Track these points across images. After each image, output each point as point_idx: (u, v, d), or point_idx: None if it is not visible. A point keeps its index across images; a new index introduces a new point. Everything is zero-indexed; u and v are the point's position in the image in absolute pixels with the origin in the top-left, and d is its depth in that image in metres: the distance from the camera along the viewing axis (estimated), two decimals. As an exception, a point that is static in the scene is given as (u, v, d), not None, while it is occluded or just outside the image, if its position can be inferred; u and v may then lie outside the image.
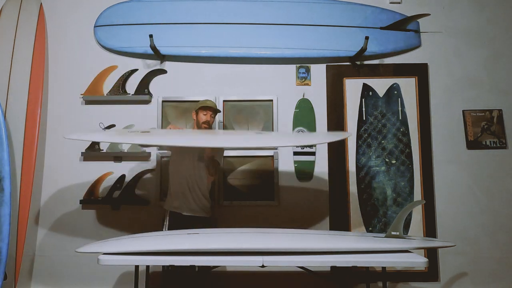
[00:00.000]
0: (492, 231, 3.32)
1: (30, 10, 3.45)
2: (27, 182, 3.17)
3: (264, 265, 2.17)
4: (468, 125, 3.42)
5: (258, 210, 3.32)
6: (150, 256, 2.24)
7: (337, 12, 3.49)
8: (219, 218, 3.28)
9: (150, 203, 3.36)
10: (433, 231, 3.31)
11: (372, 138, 3.42)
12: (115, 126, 3.42)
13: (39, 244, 3.34)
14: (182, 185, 2.90)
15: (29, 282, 3.30)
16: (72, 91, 3.46)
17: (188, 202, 2.89)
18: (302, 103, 3.45)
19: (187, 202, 2.89)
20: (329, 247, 2.33)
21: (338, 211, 3.35)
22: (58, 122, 3.46)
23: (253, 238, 2.49)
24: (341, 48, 3.42)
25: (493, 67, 3.49)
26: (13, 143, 3.19)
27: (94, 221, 3.35)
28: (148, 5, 3.48)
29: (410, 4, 3.56)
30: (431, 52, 3.51)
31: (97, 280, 3.29)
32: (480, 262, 3.30)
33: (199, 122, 2.95)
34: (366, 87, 3.47)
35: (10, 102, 3.27)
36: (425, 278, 3.27)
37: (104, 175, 3.37)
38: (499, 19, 3.53)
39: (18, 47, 3.36)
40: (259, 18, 3.46)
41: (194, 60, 3.49)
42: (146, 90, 3.43)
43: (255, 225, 3.30)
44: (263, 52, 3.42)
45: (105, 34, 3.48)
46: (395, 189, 3.37)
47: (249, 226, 3.30)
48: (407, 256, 2.30)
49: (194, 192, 2.90)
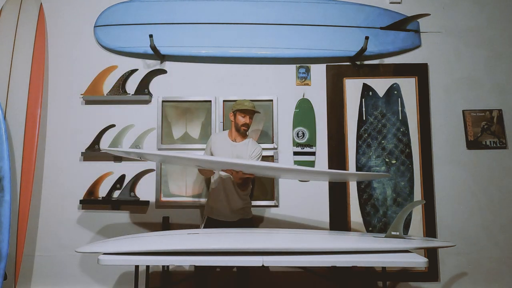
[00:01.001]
0: (492, 231, 3.33)
1: (30, 10, 3.45)
2: (27, 182, 3.18)
3: (264, 265, 2.17)
4: (468, 125, 3.42)
5: (258, 210, 3.32)
6: (150, 256, 2.23)
7: (337, 12, 3.49)
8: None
9: (150, 203, 3.36)
10: (433, 231, 3.31)
11: (372, 138, 3.42)
12: (115, 126, 3.42)
13: (39, 244, 3.34)
14: (219, 190, 2.88)
15: (29, 282, 3.30)
16: (72, 91, 3.47)
17: (223, 208, 2.87)
18: (302, 103, 3.45)
19: (223, 208, 2.87)
20: (329, 247, 2.32)
21: (338, 211, 3.35)
22: (58, 122, 3.46)
23: (253, 238, 2.49)
24: (341, 48, 3.42)
25: (493, 67, 3.49)
26: (13, 143, 3.20)
27: (94, 221, 3.35)
28: (148, 5, 3.48)
29: (410, 4, 3.56)
30: (431, 52, 3.51)
31: (97, 280, 3.29)
32: (480, 262, 3.30)
33: (237, 124, 2.89)
34: (366, 87, 3.47)
35: (10, 102, 3.27)
36: (425, 278, 3.28)
37: (104, 175, 3.37)
38: (499, 19, 3.54)
39: (18, 47, 3.36)
40: (259, 18, 3.46)
41: (194, 60, 3.49)
42: (146, 90, 3.43)
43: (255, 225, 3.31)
44: (263, 52, 3.42)
45: (105, 34, 3.48)
46: (395, 189, 3.37)
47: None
48: (407, 256, 2.30)
49: (231, 198, 2.86)
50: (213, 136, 3.02)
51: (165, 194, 3.39)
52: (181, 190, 3.40)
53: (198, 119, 3.45)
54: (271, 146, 3.39)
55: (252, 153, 2.88)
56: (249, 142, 2.94)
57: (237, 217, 2.89)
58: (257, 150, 2.91)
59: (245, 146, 2.91)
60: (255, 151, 2.90)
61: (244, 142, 2.93)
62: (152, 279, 2.98)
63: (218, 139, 2.96)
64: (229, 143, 2.91)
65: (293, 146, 3.40)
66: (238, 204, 2.88)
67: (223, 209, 2.87)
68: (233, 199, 2.87)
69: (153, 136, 3.42)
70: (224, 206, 2.86)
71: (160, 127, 3.41)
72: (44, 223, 3.36)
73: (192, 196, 3.37)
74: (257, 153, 2.90)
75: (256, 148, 2.92)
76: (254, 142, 2.98)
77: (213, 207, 2.91)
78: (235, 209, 2.88)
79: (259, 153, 2.91)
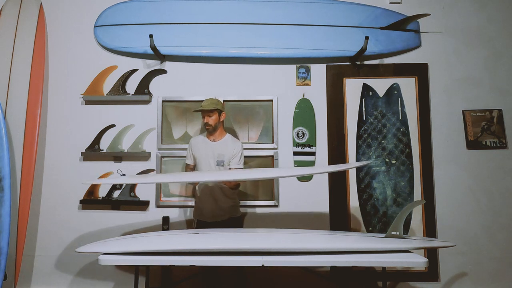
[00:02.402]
0: (492, 231, 3.33)
1: (30, 10, 3.45)
2: (27, 182, 3.18)
3: (264, 265, 2.17)
4: (468, 125, 3.42)
5: (258, 210, 3.31)
6: (150, 256, 2.23)
7: (337, 12, 3.49)
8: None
9: (149, 203, 3.36)
10: (433, 231, 3.31)
11: (372, 138, 3.42)
12: (115, 126, 3.42)
13: (39, 244, 3.34)
14: (206, 193, 2.93)
15: (29, 282, 3.30)
16: (72, 91, 3.47)
17: (212, 209, 2.91)
18: (302, 103, 3.45)
19: (211, 209, 2.91)
20: (329, 247, 2.33)
21: (338, 211, 3.35)
22: (58, 122, 3.46)
23: (253, 238, 2.49)
24: (341, 48, 3.42)
25: (493, 67, 3.49)
26: (13, 143, 3.19)
27: (94, 221, 3.35)
28: (148, 5, 3.48)
29: (410, 4, 3.56)
30: (431, 52, 3.51)
31: (97, 280, 3.29)
32: (480, 262, 3.30)
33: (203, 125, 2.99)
34: (366, 87, 3.47)
35: (10, 102, 3.27)
36: (425, 278, 3.28)
37: (104, 175, 3.37)
38: (499, 19, 3.53)
39: (18, 47, 3.36)
40: (259, 18, 3.46)
41: (194, 60, 3.49)
42: (146, 90, 3.43)
43: (255, 225, 3.31)
44: (263, 52, 3.42)
45: (105, 34, 3.48)
46: (395, 189, 3.37)
47: (249, 226, 3.31)
48: (407, 256, 2.30)
49: (218, 198, 2.91)
50: (192, 140, 3.08)
51: (165, 194, 3.39)
52: (181, 190, 3.41)
53: (198, 119, 3.44)
54: (271, 146, 3.39)
55: (233, 150, 2.93)
56: (228, 140, 2.99)
57: (226, 216, 2.93)
58: (237, 147, 2.96)
59: (225, 144, 2.96)
60: (235, 148, 2.94)
61: (223, 140, 2.99)
62: (152, 279, 2.98)
63: (197, 142, 3.03)
64: (209, 143, 2.97)
65: (293, 146, 3.40)
66: (226, 203, 2.93)
67: (212, 210, 2.91)
68: (220, 199, 2.91)
69: (153, 136, 3.42)
70: (212, 207, 2.91)
71: (160, 127, 3.41)
72: (44, 223, 3.36)
73: (192, 196, 3.37)
74: (238, 150, 2.95)
75: (236, 145, 2.97)
76: (234, 139, 3.03)
77: (202, 209, 2.96)
78: (224, 208, 2.92)
79: (240, 151, 2.96)
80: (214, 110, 2.93)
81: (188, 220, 3.33)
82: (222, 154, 2.91)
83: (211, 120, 2.94)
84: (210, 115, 2.93)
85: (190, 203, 3.34)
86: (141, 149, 3.38)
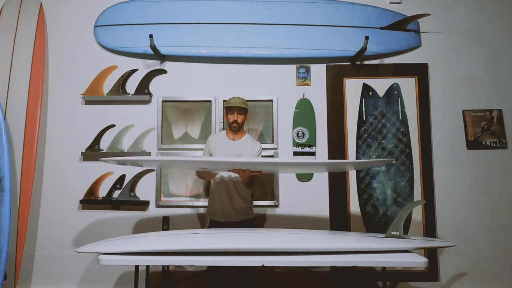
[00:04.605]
0: (492, 231, 3.33)
1: (30, 10, 3.45)
2: (27, 182, 3.18)
3: (264, 265, 2.17)
4: (468, 125, 3.42)
5: (258, 210, 3.32)
6: (150, 256, 2.23)
7: (337, 12, 3.49)
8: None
9: (149, 203, 3.36)
10: (433, 231, 3.31)
11: (372, 138, 3.42)
12: (115, 126, 3.42)
13: (39, 244, 3.34)
14: (221, 192, 2.87)
15: (29, 282, 3.30)
16: (72, 91, 3.47)
17: (226, 209, 2.86)
18: (302, 103, 3.45)
19: (225, 209, 2.86)
20: (329, 247, 2.32)
21: (338, 211, 3.35)
22: (58, 122, 3.46)
23: (253, 238, 2.49)
24: (341, 48, 3.42)
25: (493, 67, 3.49)
26: (13, 143, 3.20)
27: (94, 221, 3.35)
28: (148, 5, 3.48)
29: (410, 4, 3.56)
30: (431, 52, 3.51)
31: (97, 280, 3.29)
32: (480, 262, 3.30)
33: (228, 122, 2.90)
34: (366, 87, 3.47)
35: (10, 102, 3.27)
36: (425, 278, 3.28)
37: (104, 175, 3.37)
38: (499, 19, 3.53)
39: (18, 47, 3.36)
40: (259, 18, 3.46)
41: (194, 60, 3.49)
42: (146, 90, 3.43)
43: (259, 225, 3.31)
44: (263, 52, 3.42)
45: (105, 34, 3.48)
46: (395, 189, 3.37)
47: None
48: (407, 256, 2.30)
49: (233, 199, 2.86)
50: (211, 137, 3.02)
51: (165, 194, 3.39)
52: (181, 190, 3.40)
53: (198, 119, 3.45)
54: (271, 146, 3.39)
55: (252, 151, 2.88)
56: (248, 139, 2.94)
57: (240, 218, 2.88)
58: (257, 147, 2.91)
59: (245, 143, 2.91)
60: (255, 148, 2.90)
61: (243, 139, 2.93)
62: (152, 279, 2.98)
63: (216, 139, 2.97)
64: (228, 142, 2.91)
65: (293, 146, 3.40)
66: (241, 204, 2.88)
67: (227, 210, 2.86)
68: (235, 199, 2.86)
69: (153, 136, 3.42)
70: (227, 207, 2.86)
71: (160, 127, 3.41)
72: (44, 223, 3.36)
73: (192, 196, 3.37)
74: (257, 150, 2.90)
75: (256, 145, 2.92)
76: (253, 139, 2.98)
77: (216, 208, 2.89)
78: (239, 210, 2.87)
79: (259, 150, 2.91)
80: (245, 109, 2.90)
81: (200, 216, 3.32)
82: (240, 154, 2.85)
83: (240, 118, 2.88)
84: (240, 113, 2.88)
85: (190, 203, 3.35)
86: (141, 149, 3.38)
